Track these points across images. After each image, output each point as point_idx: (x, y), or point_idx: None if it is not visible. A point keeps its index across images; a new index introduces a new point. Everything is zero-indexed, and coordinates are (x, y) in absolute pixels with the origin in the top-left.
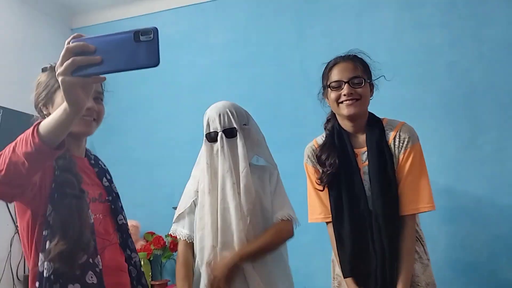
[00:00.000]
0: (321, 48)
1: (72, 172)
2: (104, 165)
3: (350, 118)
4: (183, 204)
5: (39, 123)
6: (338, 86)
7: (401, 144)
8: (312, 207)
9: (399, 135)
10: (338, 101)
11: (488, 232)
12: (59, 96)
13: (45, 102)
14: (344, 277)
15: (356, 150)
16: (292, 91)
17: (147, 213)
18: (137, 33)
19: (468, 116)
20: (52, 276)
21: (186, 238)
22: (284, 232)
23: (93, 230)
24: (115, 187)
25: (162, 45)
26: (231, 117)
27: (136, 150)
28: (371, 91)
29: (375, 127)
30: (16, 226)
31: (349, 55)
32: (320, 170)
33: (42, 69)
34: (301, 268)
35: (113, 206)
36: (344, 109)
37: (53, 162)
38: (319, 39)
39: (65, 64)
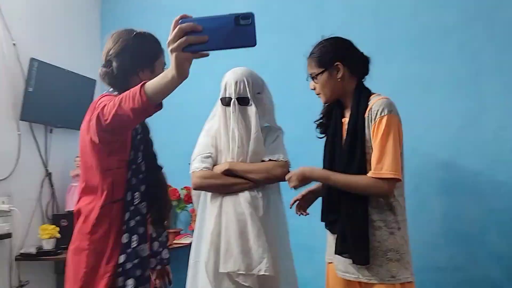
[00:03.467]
0: (338, 21)
1: (146, 125)
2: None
3: (328, 102)
4: (200, 151)
5: (144, 84)
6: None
7: (372, 116)
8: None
9: (372, 108)
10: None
11: (482, 206)
12: (159, 64)
13: (144, 66)
14: (321, 220)
15: (343, 119)
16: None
17: (164, 168)
18: (237, 18)
19: (474, 95)
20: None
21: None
22: (273, 168)
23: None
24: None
25: (183, 11)
26: (246, 86)
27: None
28: (339, 70)
29: (359, 101)
30: (47, 170)
31: (308, 55)
32: (317, 120)
33: (135, 34)
34: (303, 226)
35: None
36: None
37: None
38: (337, 13)
39: (179, 41)
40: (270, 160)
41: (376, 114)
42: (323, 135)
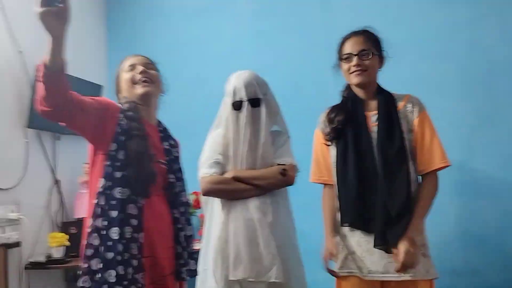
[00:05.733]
0: (346, 21)
1: (138, 120)
2: (172, 135)
3: (359, 86)
4: (209, 157)
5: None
6: (349, 58)
7: (414, 109)
8: (316, 168)
9: (411, 102)
10: (349, 72)
11: (497, 207)
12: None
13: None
14: (343, 223)
15: (366, 113)
16: (315, 62)
17: None
18: None
19: (486, 94)
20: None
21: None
22: (279, 173)
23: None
24: (176, 151)
25: (192, 12)
26: (256, 87)
27: (163, 114)
28: (381, 62)
29: (385, 95)
30: (55, 177)
31: (360, 30)
32: (329, 128)
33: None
34: (316, 230)
35: (167, 165)
36: (353, 79)
37: (63, 84)
38: (344, 13)
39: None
40: (278, 164)
41: (419, 108)
42: (330, 143)
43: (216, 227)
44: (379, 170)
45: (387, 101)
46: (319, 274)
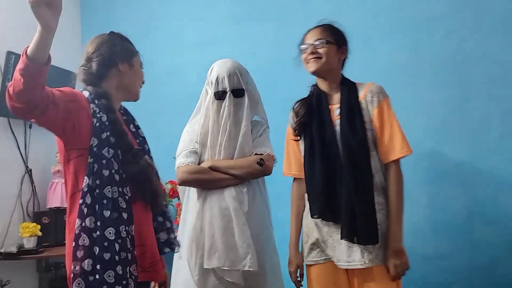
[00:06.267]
0: (324, 10)
1: (114, 112)
2: (132, 116)
3: (318, 75)
4: (185, 146)
5: (27, 47)
6: (306, 48)
7: (373, 99)
8: (286, 163)
9: (371, 92)
10: (306, 61)
11: (467, 196)
12: (137, 61)
13: (123, 59)
14: (312, 215)
15: (330, 106)
16: (293, 51)
17: None
18: None
19: (459, 84)
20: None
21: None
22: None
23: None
24: (142, 132)
25: (162, 6)
26: (239, 77)
27: (139, 102)
28: (342, 53)
29: (347, 86)
30: (27, 167)
31: (320, 24)
32: (295, 122)
33: (111, 32)
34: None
35: (140, 148)
36: (310, 67)
37: (44, 79)
38: (323, 3)
39: None
40: (256, 154)
41: (378, 98)
42: (299, 138)
43: (192, 216)
44: (343, 162)
45: (349, 92)
46: None
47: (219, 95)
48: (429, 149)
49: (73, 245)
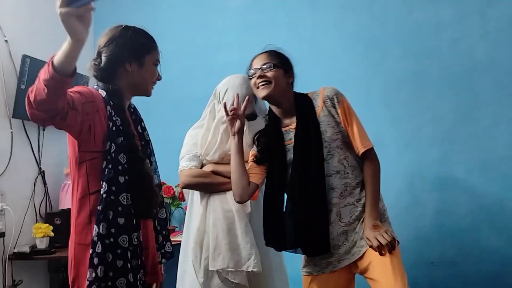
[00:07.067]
0: (333, 18)
1: (124, 112)
2: (140, 116)
3: (268, 100)
4: (189, 150)
5: (54, 56)
6: (254, 73)
7: (333, 103)
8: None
9: (328, 97)
10: (256, 86)
11: (474, 202)
12: (150, 59)
13: (132, 59)
14: (266, 244)
15: (283, 129)
16: (301, 57)
17: (159, 165)
18: None
19: (467, 91)
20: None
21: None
22: None
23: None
24: (147, 134)
25: (179, 3)
26: (253, 103)
27: (150, 105)
28: (290, 77)
29: (302, 103)
30: (40, 168)
31: (265, 50)
32: (257, 150)
33: (124, 26)
34: None
35: (143, 149)
36: (260, 92)
37: (67, 89)
38: (331, 10)
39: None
40: None
41: (337, 99)
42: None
43: (196, 219)
44: (294, 192)
45: (306, 110)
46: (299, 261)
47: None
48: (437, 156)
49: (90, 252)
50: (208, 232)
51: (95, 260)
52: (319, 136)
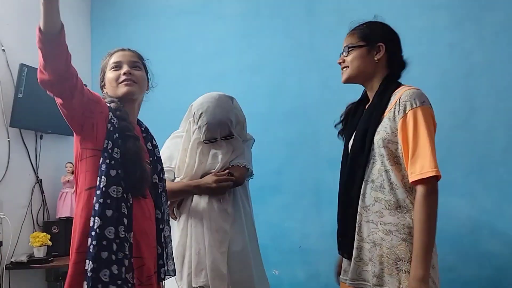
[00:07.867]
0: (329, 23)
1: (127, 120)
2: (151, 135)
3: (347, 83)
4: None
5: None
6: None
7: (400, 108)
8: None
9: (401, 99)
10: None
11: (473, 206)
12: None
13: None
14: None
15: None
16: (298, 63)
17: None
18: None
19: (464, 96)
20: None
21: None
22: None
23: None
24: (158, 152)
25: (177, 11)
26: (229, 123)
27: (148, 113)
28: (375, 52)
29: (381, 93)
30: (37, 177)
31: (351, 28)
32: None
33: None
34: (297, 229)
35: (151, 166)
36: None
37: (64, 47)
38: (327, 15)
39: None
40: (231, 166)
41: (405, 106)
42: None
43: (177, 234)
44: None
45: (374, 104)
46: (302, 272)
47: (210, 141)
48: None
49: (79, 243)
50: (189, 246)
51: (83, 252)
52: (371, 136)
